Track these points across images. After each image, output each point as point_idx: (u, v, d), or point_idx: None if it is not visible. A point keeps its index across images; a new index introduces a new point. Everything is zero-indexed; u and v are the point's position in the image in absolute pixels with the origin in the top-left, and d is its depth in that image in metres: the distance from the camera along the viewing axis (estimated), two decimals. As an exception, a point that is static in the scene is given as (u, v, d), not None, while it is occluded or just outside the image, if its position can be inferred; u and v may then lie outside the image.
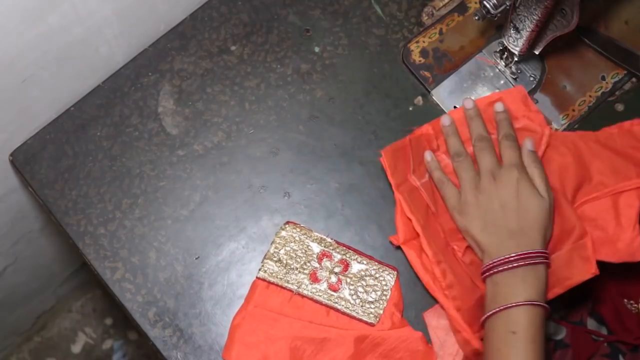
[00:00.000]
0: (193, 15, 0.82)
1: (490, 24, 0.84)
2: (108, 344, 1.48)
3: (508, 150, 0.74)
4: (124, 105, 0.79)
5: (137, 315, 0.73)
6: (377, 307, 0.73)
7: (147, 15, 0.77)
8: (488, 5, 0.72)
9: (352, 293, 0.73)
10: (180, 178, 0.78)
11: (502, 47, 0.81)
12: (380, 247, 0.76)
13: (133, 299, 0.74)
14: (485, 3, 0.72)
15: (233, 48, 0.82)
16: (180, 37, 0.81)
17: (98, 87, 0.79)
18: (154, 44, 0.81)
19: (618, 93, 0.84)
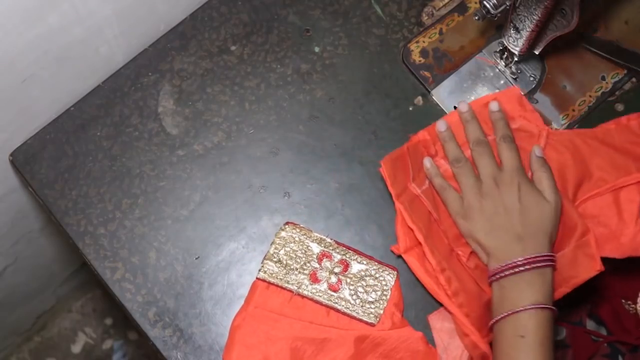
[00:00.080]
0: (193, 15, 0.82)
1: (490, 24, 0.84)
2: (108, 344, 1.48)
3: (507, 153, 0.74)
4: (124, 105, 0.79)
5: (137, 315, 0.73)
6: (377, 307, 0.73)
7: (147, 15, 0.77)
8: (488, 5, 0.72)
9: (352, 293, 0.73)
10: (180, 178, 0.78)
11: (502, 47, 0.81)
12: (380, 247, 0.76)
13: (133, 299, 0.74)
14: (485, 3, 0.72)
15: (233, 48, 0.82)
16: (180, 37, 0.81)
17: (98, 87, 0.79)
18: (154, 44, 0.81)
19: (618, 93, 0.84)
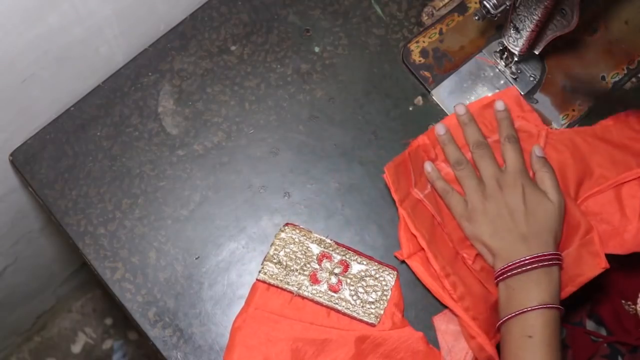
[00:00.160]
0: (193, 15, 0.82)
1: (490, 24, 0.84)
2: (108, 344, 1.48)
3: (511, 154, 0.74)
4: (124, 105, 0.79)
5: (137, 315, 0.73)
6: (377, 307, 0.73)
7: (147, 15, 0.77)
8: (488, 5, 0.72)
9: (352, 294, 0.73)
10: (180, 178, 0.78)
11: (502, 47, 0.81)
12: (380, 247, 0.76)
13: (133, 299, 0.74)
14: (485, 3, 0.72)
15: (233, 48, 0.82)
16: (180, 37, 0.81)
17: (98, 87, 0.79)
18: (154, 44, 0.81)
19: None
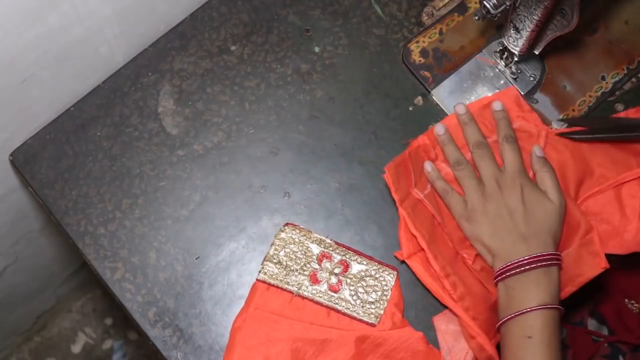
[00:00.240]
0: (193, 15, 0.82)
1: (490, 24, 0.84)
2: (108, 344, 1.48)
3: (509, 154, 0.74)
4: (124, 105, 0.79)
5: (137, 315, 0.73)
6: (377, 307, 0.73)
7: (147, 15, 0.77)
8: (488, 5, 0.72)
9: (352, 294, 0.73)
10: (180, 178, 0.78)
11: (502, 47, 0.81)
12: (380, 247, 0.76)
13: (133, 299, 0.74)
14: (485, 3, 0.72)
15: (233, 48, 0.82)
16: (180, 37, 0.81)
17: (98, 87, 0.79)
18: (154, 44, 0.81)
19: (618, 93, 0.84)
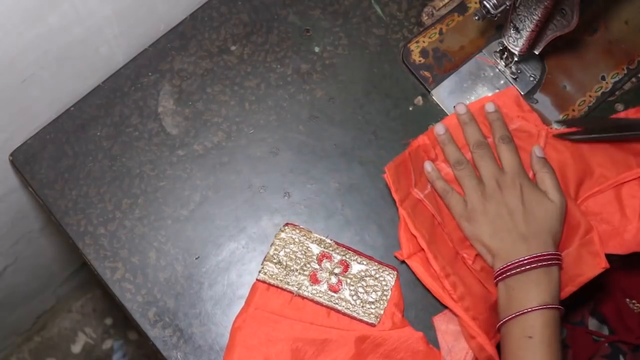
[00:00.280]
0: (193, 15, 0.82)
1: (490, 24, 0.84)
2: (108, 344, 1.48)
3: (507, 154, 0.74)
4: (124, 105, 0.79)
5: (137, 315, 0.73)
6: (377, 307, 0.73)
7: (147, 15, 0.77)
8: (488, 5, 0.72)
9: (352, 294, 0.73)
10: (180, 178, 0.78)
11: (502, 47, 0.81)
12: (380, 247, 0.76)
13: (133, 299, 0.74)
14: (485, 3, 0.72)
15: (233, 48, 0.82)
16: (180, 37, 0.81)
17: (98, 87, 0.79)
18: (154, 44, 0.81)
19: (618, 93, 0.84)
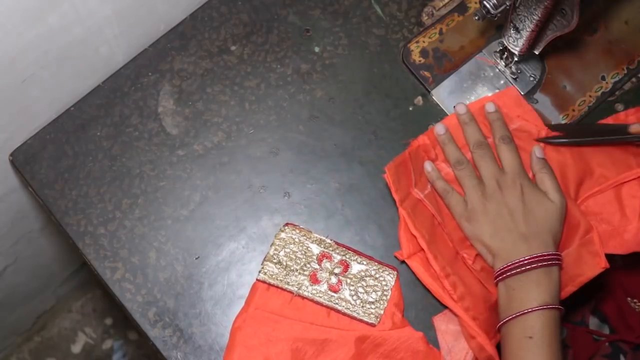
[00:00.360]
0: (193, 15, 0.82)
1: (490, 24, 0.84)
2: (108, 344, 1.48)
3: (507, 154, 0.74)
4: (124, 105, 0.79)
5: (137, 315, 0.73)
6: (377, 307, 0.73)
7: (147, 15, 0.77)
8: (488, 5, 0.72)
9: (352, 294, 0.73)
10: (180, 178, 0.78)
11: (502, 47, 0.81)
12: (380, 247, 0.76)
13: (133, 299, 0.74)
14: (485, 3, 0.72)
15: (233, 48, 0.82)
16: (180, 37, 0.81)
17: (98, 87, 0.79)
18: (154, 44, 0.81)
19: (618, 93, 0.84)
